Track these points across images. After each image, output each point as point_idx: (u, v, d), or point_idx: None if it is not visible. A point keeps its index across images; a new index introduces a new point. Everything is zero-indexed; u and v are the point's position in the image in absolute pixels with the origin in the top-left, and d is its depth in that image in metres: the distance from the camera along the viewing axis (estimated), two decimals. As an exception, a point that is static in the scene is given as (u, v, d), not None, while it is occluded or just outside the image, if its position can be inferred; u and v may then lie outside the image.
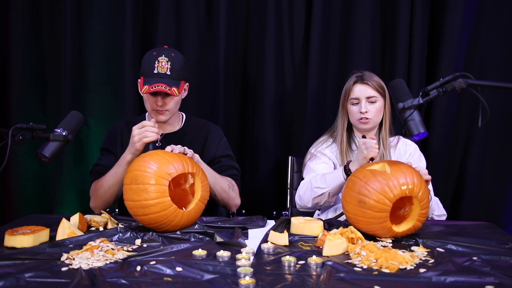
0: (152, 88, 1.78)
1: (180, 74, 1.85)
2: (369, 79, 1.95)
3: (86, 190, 2.61)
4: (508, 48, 2.55)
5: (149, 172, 1.46)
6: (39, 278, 1.10)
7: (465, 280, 1.10)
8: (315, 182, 1.89)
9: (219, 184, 1.85)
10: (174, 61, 1.83)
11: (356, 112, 1.95)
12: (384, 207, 1.40)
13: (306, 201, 1.92)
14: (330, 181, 1.85)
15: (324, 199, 1.89)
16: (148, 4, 2.57)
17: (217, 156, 1.97)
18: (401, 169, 1.46)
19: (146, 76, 1.83)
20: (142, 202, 1.44)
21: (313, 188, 1.88)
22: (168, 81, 1.81)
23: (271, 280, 1.10)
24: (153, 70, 1.82)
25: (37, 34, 2.56)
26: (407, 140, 2.08)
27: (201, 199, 1.55)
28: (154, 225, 1.47)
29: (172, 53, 1.86)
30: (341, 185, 1.83)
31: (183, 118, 2.05)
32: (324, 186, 1.86)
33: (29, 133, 1.42)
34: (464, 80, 1.34)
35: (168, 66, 1.82)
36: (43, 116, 2.60)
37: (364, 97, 1.93)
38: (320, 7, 2.51)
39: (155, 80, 1.80)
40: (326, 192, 1.86)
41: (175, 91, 1.80)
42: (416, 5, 2.49)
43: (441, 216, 1.90)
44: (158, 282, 1.10)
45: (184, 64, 1.89)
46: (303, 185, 1.96)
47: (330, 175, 1.87)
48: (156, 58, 1.83)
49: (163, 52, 1.85)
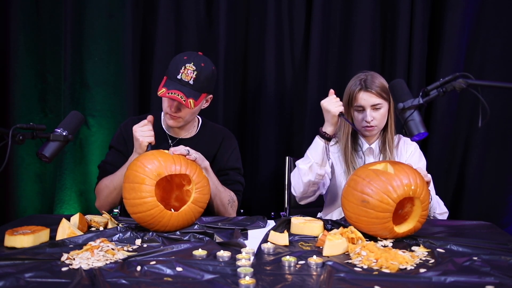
0: (168, 94, 1.72)
1: (203, 86, 1.77)
2: (372, 86, 1.90)
3: (86, 190, 2.62)
4: (508, 48, 2.55)
5: (139, 171, 1.48)
6: (39, 278, 1.10)
7: (465, 280, 1.10)
8: (300, 163, 1.89)
9: (219, 197, 1.81)
10: (201, 71, 1.75)
11: (361, 120, 1.93)
12: (387, 207, 1.39)
13: (299, 186, 1.90)
14: (311, 152, 1.85)
15: (313, 174, 1.85)
16: (148, 4, 2.57)
17: (226, 168, 1.93)
18: (404, 169, 1.45)
19: (169, 78, 1.77)
20: (131, 201, 1.48)
21: (300, 168, 1.87)
22: (188, 91, 1.73)
23: (271, 280, 1.10)
24: (177, 75, 1.74)
25: (37, 34, 2.56)
26: (407, 139, 2.08)
27: (194, 201, 1.53)
28: (144, 224, 1.50)
29: (202, 62, 1.77)
30: (323, 151, 1.83)
31: (199, 123, 2.00)
32: (308, 160, 1.85)
33: (29, 133, 1.42)
34: (464, 80, 1.34)
35: (193, 76, 1.74)
36: (43, 116, 2.60)
37: (369, 105, 1.90)
38: (320, 7, 2.51)
39: (174, 86, 1.73)
40: (313, 164, 1.84)
41: (191, 103, 1.72)
42: (416, 5, 2.49)
43: (443, 214, 1.90)
44: (158, 282, 1.10)
45: (210, 76, 1.80)
46: (293, 175, 1.95)
47: (310, 148, 1.87)
48: (184, 64, 1.75)
49: (193, 59, 1.77)
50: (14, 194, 2.58)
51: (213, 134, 1.99)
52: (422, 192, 1.43)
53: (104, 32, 2.55)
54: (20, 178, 2.58)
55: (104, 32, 2.55)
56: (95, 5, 2.53)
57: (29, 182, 2.60)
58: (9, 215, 2.57)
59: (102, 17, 2.54)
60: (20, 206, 2.59)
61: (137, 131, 1.72)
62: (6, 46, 2.51)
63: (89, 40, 2.55)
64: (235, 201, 1.90)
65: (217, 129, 2.03)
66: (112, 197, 1.81)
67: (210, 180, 1.75)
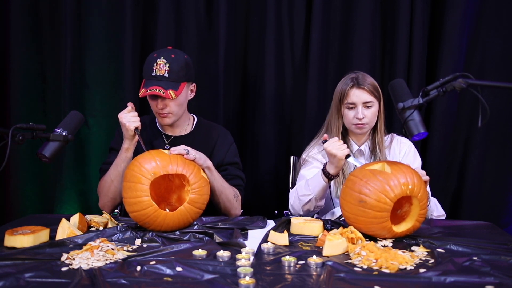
0: (147, 92, 1.76)
1: (180, 75, 1.81)
2: (365, 83, 1.91)
3: (86, 190, 2.62)
4: (508, 48, 2.54)
5: (136, 170, 1.50)
6: (39, 278, 1.10)
7: (465, 280, 1.10)
8: (300, 190, 1.87)
9: (225, 193, 1.82)
10: (172, 62, 1.80)
11: (352, 117, 1.92)
12: (385, 207, 1.40)
13: (298, 210, 1.90)
14: (313, 186, 1.83)
15: (312, 205, 1.86)
16: (148, 4, 2.57)
17: (225, 163, 1.95)
18: (401, 168, 1.46)
19: (145, 79, 1.82)
20: (128, 199, 1.50)
21: (299, 197, 1.86)
22: (165, 84, 1.77)
23: (271, 280, 1.10)
24: (151, 73, 1.79)
25: (37, 34, 2.56)
26: (401, 138, 2.07)
27: (190, 202, 1.53)
28: (141, 223, 1.51)
29: (172, 54, 1.82)
30: (324, 188, 1.81)
31: (194, 121, 2.02)
32: (309, 192, 1.84)
33: (29, 133, 1.42)
34: (464, 80, 1.34)
35: (166, 68, 1.79)
36: (43, 116, 2.60)
37: (361, 102, 1.90)
38: (320, 7, 2.51)
39: (151, 83, 1.78)
40: (312, 198, 1.83)
41: (171, 94, 1.76)
42: (416, 5, 2.49)
43: (440, 216, 1.90)
44: (158, 282, 1.10)
45: (184, 65, 1.83)
46: (291, 194, 1.93)
47: (312, 180, 1.85)
48: (155, 60, 1.80)
49: (162, 53, 1.82)
50: (14, 194, 2.58)
51: (208, 131, 2.01)
52: (420, 191, 1.43)
53: (104, 32, 2.55)
54: (20, 178, 2.58)
55: (104, 32, 2.55)
56: (95, 5, 2.53)
57: (29, 182, 2.60)
58: (9, 215, 2.57)
59: (102, 17, 2.54)
60: (20, 206, 2.59)
61: (123, 117, 1.77)
62: (6, 46, 2.51)
63: (89, 40, 2.55)
64: (238, 196, 1.91)
65: (213, 126, 2.05)
66: (111, 191, 1.82)
67: (214, 179, 1.76)
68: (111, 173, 1.81)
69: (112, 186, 1.81)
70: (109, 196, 1.83)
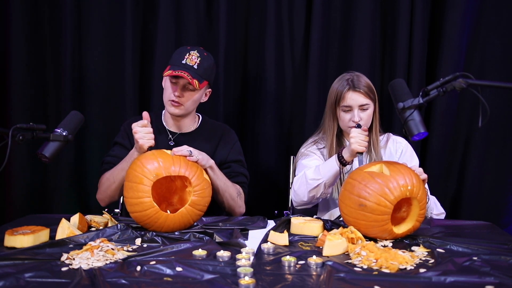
0: (175, 72, 1.78)
1: (206, 73, 1.85)
2: (360, 86, 1.90)
3: (86, 190, 2.62)
4: (508, 48, 2.54)
5: (138, 171, 1.49)
6: (39, 278, 1.10)
7: (465, 280, 1.10)
8: (309, 174, 1.85)
9: (228, 192, 1.82)
10: (204, 58, 1.85)
11: (348, 120, 1.92)
12: (385, 210, 1.39)
13: (302, 195, 1.88)
14: (325, 171, 1.82)
15: (320, 191, 1.85)
16: (148, 4, 2.57)
17: (228, 161, 1.95)
18: (399, 170, 1.45)
19: (173, 65, 1.83)
20: (130, 200, 1.50)
21: (308, 181, 1.85)
22: (193, 73, 1.80)
23: (271, 280, 1.10)
24: (181, 60, 1.82)
25: (37, 34, 2.56)
26: (397, 137, 2.07)
27: (192, 204, 1.52)
28: (141, 223, 1.51)
29: (205, 52, 1.88)
30: (336, 174, 1.81)
31: (199, 120, 2.03)
32: (319, 177, 1.83)
33: (29, 133, 1.41)
34: (464, 80, 1.34)
35: (197, 61, 1.82)
36: (43, 116, 2.59)
37: (357, 105, 1.90)
38: (320, 7, 2.51)
39: (180, 68, 1.80)
40: (322, 183, 1.83)
41: (196, 83, 1.78)
42: (416, 5, 2.49)
43: (440, 214, 1.89)
44: (158, 282, 1.10)
45: (212, 67, 1.89)
46: (297, 180, 1.92)
47: (325, 165, 1.84)
48: (188, 51, 1.84)
49: (196, 48, 1.87)
50: (14, 194, 2.58)
51: (213, 129, 2.02)
52: (419, 192, 1.43)
53: (104, 32, 2.55)
54: (20, 178, 2.58)
55: (104, 32, 2.55)
56: (95, 5, 2.53)
57: (29, 182, 2.60)
58: (9, 215, 2.57)
59: (102, 17, 2.54)
60: (20, 206, 2.58)
61: (137, 132, 1.68)
62: (6, 46, 2.51)
63: (89, 40, 2.55)
64: (242, 193, 1.91)
65: (217, 125, 2.07)
66: (111, 189, 1.82)
67: (217, 178, 1.75)
68: (115, 175, 1.80)
69: (113, 186, 1.81)
70: (108, 193, 1.85)
